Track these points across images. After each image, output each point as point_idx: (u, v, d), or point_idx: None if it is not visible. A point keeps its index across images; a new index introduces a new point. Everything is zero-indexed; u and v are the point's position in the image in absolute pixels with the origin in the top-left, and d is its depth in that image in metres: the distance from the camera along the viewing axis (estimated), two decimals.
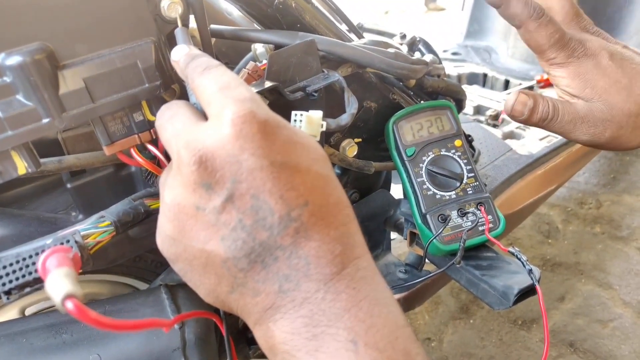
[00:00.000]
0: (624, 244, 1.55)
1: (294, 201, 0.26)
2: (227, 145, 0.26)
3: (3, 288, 0.26)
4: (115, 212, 0.39)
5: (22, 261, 0.26)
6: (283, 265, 0.26)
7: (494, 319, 1.34)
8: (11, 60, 0.30)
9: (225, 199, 0.26)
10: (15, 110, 0.31)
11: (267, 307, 0.27)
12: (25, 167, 0.33)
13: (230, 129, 0.26)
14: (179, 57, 0.33)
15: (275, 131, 0.27)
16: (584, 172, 1.80)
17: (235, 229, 0.26)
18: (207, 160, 0.26)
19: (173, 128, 0.29)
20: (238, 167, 0.26)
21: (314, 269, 0.26)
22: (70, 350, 0.43)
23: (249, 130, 0.26)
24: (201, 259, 0.28)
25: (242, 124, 0.26)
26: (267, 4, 0.48)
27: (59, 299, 0.22)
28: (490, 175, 0.89)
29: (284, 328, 0.27)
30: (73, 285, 0.22)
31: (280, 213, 0.26)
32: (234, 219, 0.26)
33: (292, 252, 0.26)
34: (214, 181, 0.26)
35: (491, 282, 0.55)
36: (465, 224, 0.56)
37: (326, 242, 0.27)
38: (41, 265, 0.24)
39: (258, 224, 0.26)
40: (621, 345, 1.25)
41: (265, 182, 0.26)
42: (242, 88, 0.28)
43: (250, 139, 0.26)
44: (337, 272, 0.27)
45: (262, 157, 0.26)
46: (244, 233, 0.26)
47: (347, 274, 0.27)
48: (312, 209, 0.27)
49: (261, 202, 0.26)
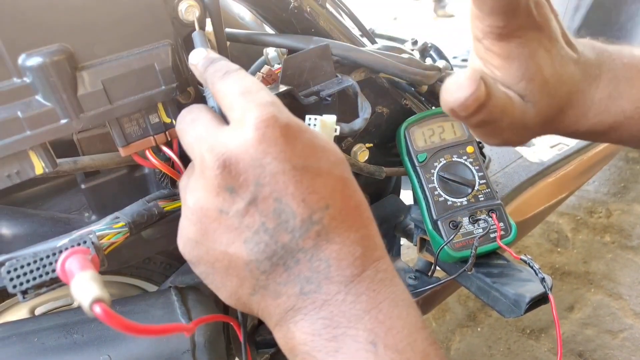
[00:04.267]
0: (634, 253, 1.53)
1: (316, 204, 0.27)
2: (250, 149, 0.26)
3: (20, 288, 0.26)
4: (129, 214, 0.39)
5: (39, 261, 0.26)
6: (304, 267, 0.27)
7: (501, 328, 1.33)
8: (31, 61, 0.31)
9: (248, 202, 0.26)
10: (34, 110, 0.32)
11: (288, 308, 0.27)
12: (43, 167, 0.34)
13: (253, 133, 0.26)
14: (198, 60, 0.33)
15: (297, 135, 0.27)
16: (594, 181, 1.79)
17: (258, 232, 0.26)
18: (231, 164, 0.26)
19: (195, 132, 0.29)
20: (261, 170, 0.26)
21: (334, 271, 0.27)
22: (81, 351, 0.43)
23: (272, 134, 0.26)
24: (224, 262, 0.28)
25: (265, 128, 0.26)
26: (282, 8, 0.49)
27: (87, 303, 0.22)
28: (501, 182, 0.88)
29: (304, 329, 0.27)
30: (100, 290, 0.22)
31: (302, 216, 0.26)
32: (257, 222, 0.26)
33: (313, 254, 0.27)
34: (237, 185, 0.26)
35: (502, 289, 0.54)
36: (476, 231, 0.56)
37: (347, 244, 0.27)
38: (61, 266, 0.24)
39: (280, 227, 0.26)
40: (631, 356, 1.24)
41: (288, 186, 0.26)
42: (263, 92, 0.28)
43: (273, 143, 0.26)
44: (357, 274, 0.27)
45: (284, 161, 0.26)
46: (267, 236, 0.26)
47: (367, 276, 0.27)
48: (333, 212, 0.27)
49: (284, 205, 0.26)
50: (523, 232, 1.04)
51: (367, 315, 0.26)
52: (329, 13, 0.53)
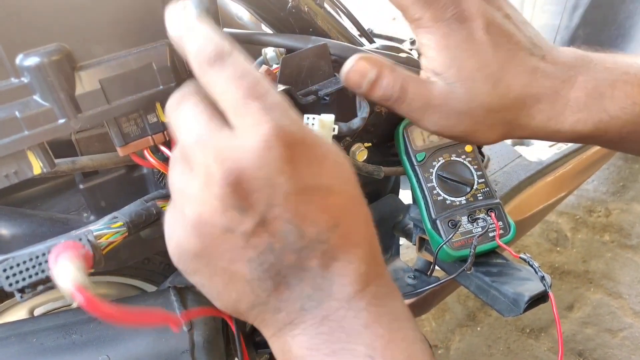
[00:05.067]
0: (634, 252, 1.53)
1: (325, 224, 0.26)
2: (264, 167, 0.24)
3: (16, 286, 0.26)
4: (127, 213, 0.39)
5: (35, 259, 0.26)
6: (307, 285, 0.26)
7: (501, 327, 1.33)
8: (29, 61, 0.31)
9: (257, 223, 0.25)
10: (32, 110, 0.32)
11: (286, 323, 0.27)
12: (41, 167, 0.34)
13: (268, 151, 0.24)
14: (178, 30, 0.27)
15: (311, 151, 0.26)
16: (593, 180, 1.79)
17: (264, 253, 0.25)
18: (243, 183, 0.24)
19: (195, 132, 0.26)
20: (273, 190, 0.25)
21: (337, 288, 0.26)
22: (80, 351, 0.43)
23: (287, 153, 0.24)
24: (223, 277, 0.27)
25: (280, 147, 0.24)
26: (280, 7, 0.49)
27: (68, 287, 0.21)
28: (500, 181, 0.88)
29: (302, 344, 0.26)
30: (82, 276, 0.22)
31: (310, 237, 0.25)
32: (264, 243, 0.25)
33: (317, 273, 0.26)
34: (247, 204, 0.25)
35: (501, 288, 0.54)
36: (475, 230, 0.56)
37: (352, 261, 0.27)
38: (52, 259, 0.23)
39: (287, 247, 0.25)
40: (631, 355, 1.24)
41: (299, 206, 0.25)
42: (272, 95, 0.25)
43: (287, 161, 0.24)
44: (359, 290, 0.27)
45: (297, 181, 0.25)
46: (272, 256, 0.25)
47: (368, 292, 0.27)
48: (342, 230, 0.26)
49: (293, 227, 0.25)
50: (522, 231, 1.04)
51: (366, 330, 0.26)
52: (327, 13, 0.53)
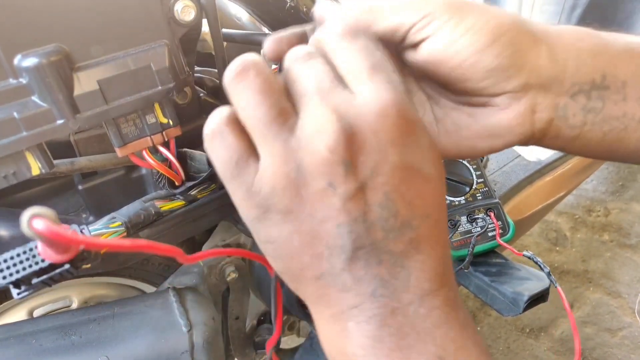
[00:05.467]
0: (633, 252, 1.53)
1: (419, 210, 0.25)
2: (379, 132, 0.24)
3: (10, 279, 0.25)
4: (126, 214, 0.39)
5: (28, 251, 0.25)
6: (384, 270, 0.25)
7: (501, 327, 1.33)
8: (27, 62, 0.31)
9: (358, 187, 0.24)
10: (30, 111, 0.32)
11: (352, 305, 0.26)
12: (39, 167, 0.34)
13: (388, 119, 0.24)
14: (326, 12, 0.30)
15: (422, 134, 0.26)
16: (592, 180, 1.79)
17: (356, 221, 0.24)
18: (357, 139, 0.24)
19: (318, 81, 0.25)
20: (382, 158, 0.24)
21: (414, 282, 0.25)
22: (79, 352, 0.43)
23: (404, 126, 0.24)
24: (305, 237, 0.25)
25: (399, 118, 0.24)
26: (278, 7, 0.49)
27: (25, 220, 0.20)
28: (499, 181, 0.88)
29: (367, 333, 0.25)
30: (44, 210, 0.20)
31: (403, 219, 0.25)
32: (358, 211, 0.24)
33: (397, 259, 0.25)
34: (355, 163, 0.24)
35: (501, 288, 0.54)
36: (474, 230, 0.56)
37: (432, 258, 0.26)
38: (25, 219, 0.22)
39: (378, 222, 0.25)
40: (630, 354, 1.24)
41: (401, 183, 0.25)
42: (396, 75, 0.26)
43: (402, 135, 0.24)
44: (435, 290, 0.26)
45: (406, 156, 0.25)
46: (362, 227, 0.24)
47: (442, 294, 0.26)
48: (431, 222, 0.26)
49: (390, 202, 0.24)
50: (521, 230, 1.04)
51: (438, 331, 0.25)
52: None
